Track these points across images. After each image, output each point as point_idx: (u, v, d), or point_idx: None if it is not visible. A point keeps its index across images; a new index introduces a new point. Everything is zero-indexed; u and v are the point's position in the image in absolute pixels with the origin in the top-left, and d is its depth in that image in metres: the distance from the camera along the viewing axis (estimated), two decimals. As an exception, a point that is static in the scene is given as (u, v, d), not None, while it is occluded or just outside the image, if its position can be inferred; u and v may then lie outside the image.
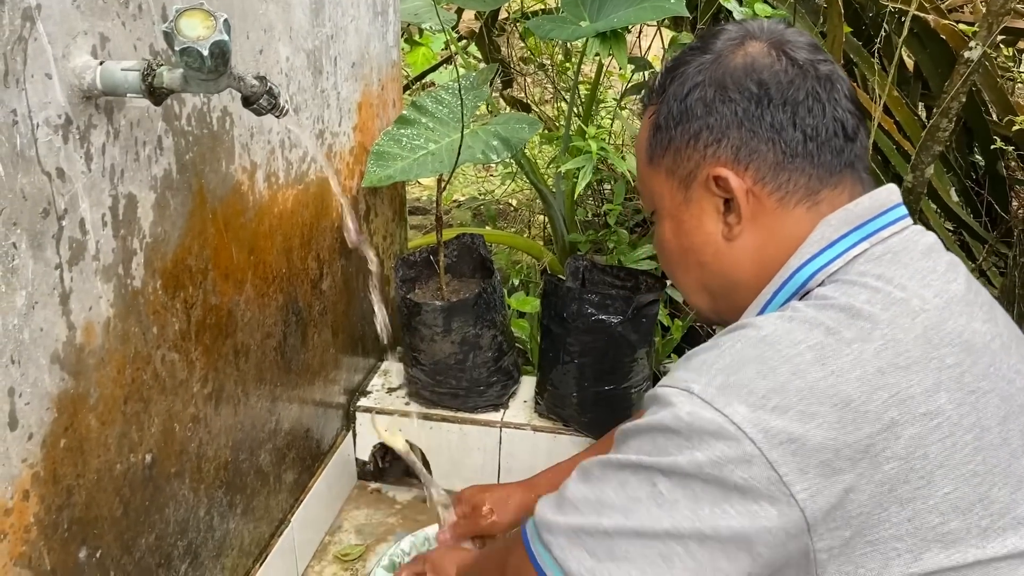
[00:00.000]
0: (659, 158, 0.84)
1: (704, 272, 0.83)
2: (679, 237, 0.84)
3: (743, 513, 0.62)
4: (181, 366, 1.08)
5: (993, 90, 2.28)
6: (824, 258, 0.75)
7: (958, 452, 0.65)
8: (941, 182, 2.34)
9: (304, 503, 1.51)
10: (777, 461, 0.62)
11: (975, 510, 0.64)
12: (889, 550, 0.64)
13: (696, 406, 0.64)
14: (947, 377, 0.66)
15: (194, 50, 0.76)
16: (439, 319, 1.59)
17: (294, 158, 1.34)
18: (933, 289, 0.71)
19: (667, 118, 0.82)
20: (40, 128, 0.79)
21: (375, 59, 1.66)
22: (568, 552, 0.67)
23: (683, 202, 0.83)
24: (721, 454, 0.62)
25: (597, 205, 2.64)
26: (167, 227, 1.02)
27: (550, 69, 2.86)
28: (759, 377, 0.64)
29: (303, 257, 1.42)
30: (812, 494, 0.62)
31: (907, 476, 0.63)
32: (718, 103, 0.79)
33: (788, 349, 0.65)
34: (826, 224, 0.77)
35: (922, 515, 0.64)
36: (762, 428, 0.62)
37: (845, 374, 0.64)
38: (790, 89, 0.77)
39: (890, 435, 0.63)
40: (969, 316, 0.71)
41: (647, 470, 0.65)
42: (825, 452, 0.62)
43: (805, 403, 0.63)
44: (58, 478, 0.87)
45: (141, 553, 1.04)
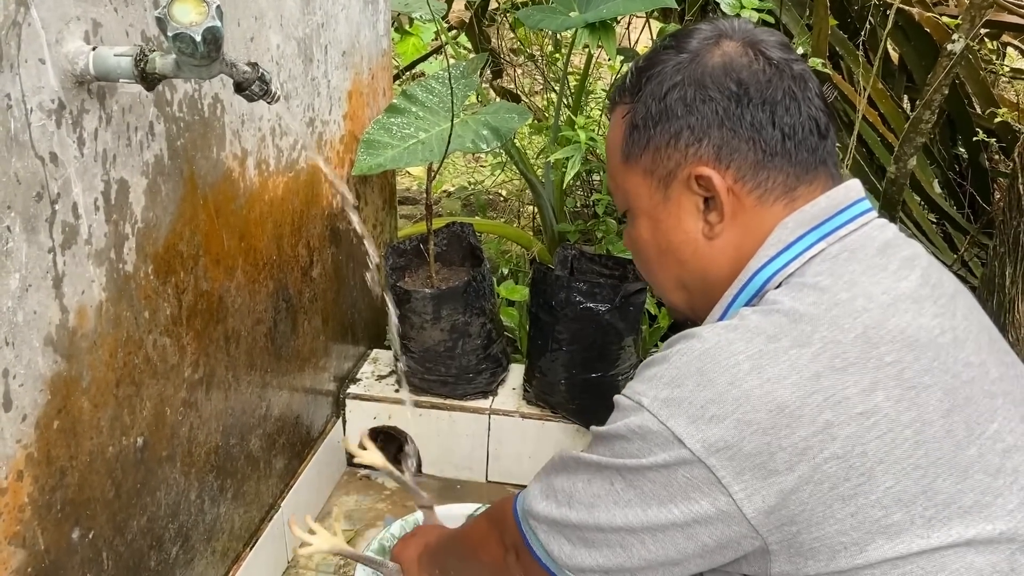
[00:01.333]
0: (636, 158, 0.83)
1: (683, 270, 0.84)
2: (657, 236, 0.84)
3: (686, 511, 0.69)
4: (172, 351, 1.09)
5: (976, 82, 2.31)
6: (781, 260, 0.77)
7: (898, 448, 0.66)
8: (924, 174, 2.37)
9: (294, 488, 1.52)
10: (715, 466, 0.67)
11: (918, 502, 0.67)
12: (835, 544, 0.67)
13: (644, 419, 0.70)
14: (885, 375, 0.68)
15: (187, 36, 0.76)
16: (429, 307, 1.60)
17: (285, 145, 1.35)
18: (882, 287, 0.73)
19: (645, 118, 0.82)
20: (34, 113, 0.79)
21: (365, 48, 1.67)
22: (551, 537, 0.77)
23: (662, 201, 0.83)
24: (665, 460, 0.69)
25: (586, 195, 2.66)
26: (158, 212, 1.02)
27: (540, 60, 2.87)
28: (699, 389, 0.68)
29: (293, 244, 1.43)
30: (749, 494, 0.67)
31: (847, 474, 0.66)
32: (698, 102, 0.79)
33: (727, 360, 0.69)
34: (783, 227, 0.78)
35: (865, 510, 0.66)
36: (700, 437, 0.67)
37: (781, 381, 0.67)
38: (768, 88, 0.79)
39: (826, 436, 0.66)
40: (916, 312, 0.72)
41: (606, 471, 0.73)
42: (760, 456, 0.66)
43: (741, 411, 0.66)
44: (51, 459, 0.88)
45: (133, 535, 1.05)
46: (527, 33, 2.75)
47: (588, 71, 2.22)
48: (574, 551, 0.75)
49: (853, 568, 0.67)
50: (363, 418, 1.74)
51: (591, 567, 0.74)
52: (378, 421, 1.73)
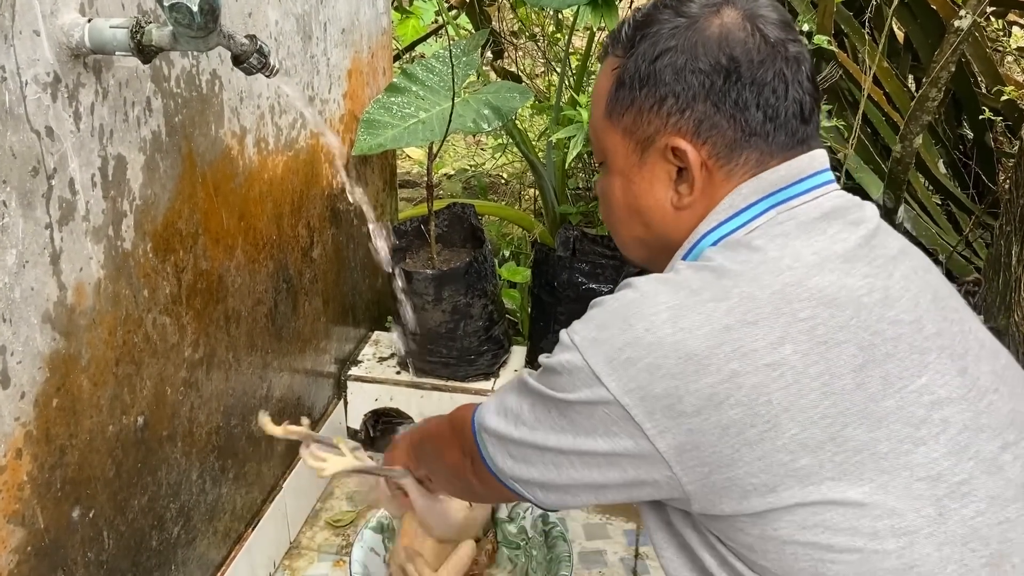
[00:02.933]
0: (618, 116, 0.84)
1: (647, 232, 0.86)
2: (627, 197, 0.86)
3: (608, 444, 0.74)
4: (172, 330, 1.08)
5: (982, 61, 2.29)
6: (728, 226, 0.80)
7: (803, 398, 0.70)
8: (929, 154, 2.35)
9: (296, 470, 1.52)
10: (629, 404, 0.71)
11: (826, 448, 0.70)
12: (746, 484, 0.71)
13: (573, 356, 0.74)
14: (796, 330, 0.71)
15: (183, 6, 0.75)
16: (430, 288, 1.59)
17: (284, 124, 1.33)
18: (813, 248, 0.76)
19: (633, 77, 0.82)
20: (29, 86, 0.78)
21: (365, 26, 1.65)
22: (497, 450, 0.84)
23: (637, 164, 0.84)
24: (588, 397, 0.74)
25: (588, 176, 2.64)
26: (157, 189, 1.01)
27: (541, 40, 2.84)
28: (620, 333, 0.73)
29: (293, 224, 1.42)
30: (660, 431, 0.71)
31: (752, 420, 0.69)
32: (687, 72, 0.79)
33: (650, 308, 0.73)
34: (737, 193, 0.80)
35: (772, 454, 0.70)
36: (615, 377, 0.72)
37: (693, 331, 0.71)
38: (760, 69, 0.79)
39: (731, 384, 0.69)
40: (844, 272, 0.74)
41: (545, 399, 0.78)
42: (669, 398, 0.70)
43: (652, 356, 0.71)
44: (51, 437, 0.88)
45: (134, 514, 1.05)
46: (528, 13, 2.72)
47: (590, 51, 2.20)
48: (515, 465, 0.82)
49: (770, 509, 0.71)
50: (364, 400, 1.73)
51: (528, 479, 0.81)
52: (379, 403, 1.73)
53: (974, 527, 0.70)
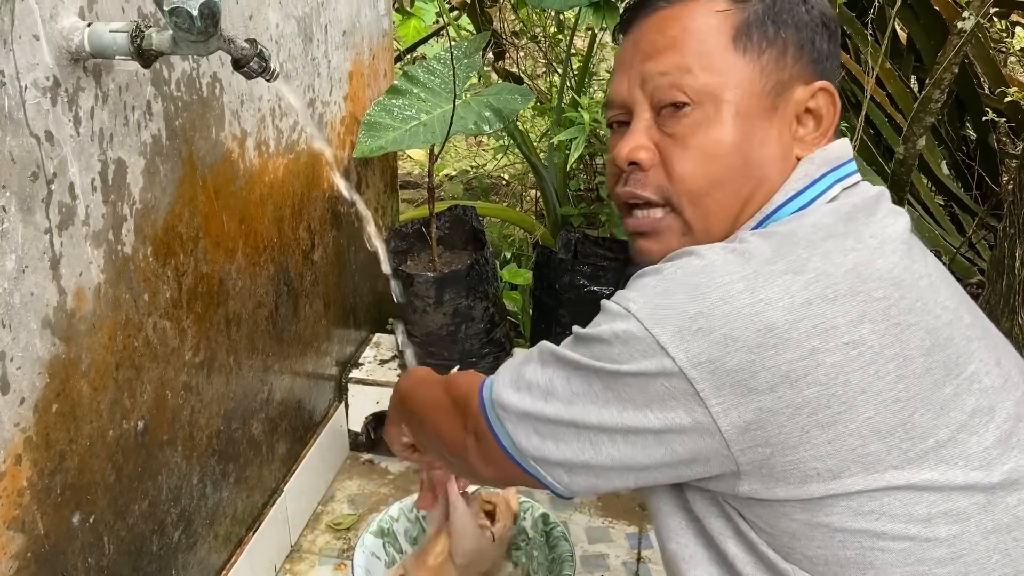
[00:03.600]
0: (756, 51, 0.78)
1: (759, 189, 0.79)
2: (749, 147, 0.78)
3: (661, 419, 0.69)
4: (173, 334, 1.08)
5: (985, 62, 2.28)
6: (808, 195, 0.78)
7: (880, 380, 0.68)
8: (932, 155, 2.34)
9: (297, 473, 1.51)
10: (695, 378, 0.67)
11: (896, 434, 0.68)
12: (808, 469, 0.68)
13: (631, 324, 0.70)
14: (872, 309, 0.69)
15: (183, 10, 0.75)
16: (431, 290, 1.59)
17: (285, 127, 1.33)
18: (871, 230, 0.75)
19: (774, 16, 0.78)
20: (28, 90, 0.78)
21: (366, 28, 1.65)
22: (519, 428, 0.76)
23: (769, 108, 0.79)
24: (646, 368, 0.69)
25: (589, 178, 2.64)
26: (157, 193, 1.01)
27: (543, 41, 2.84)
28: (689, 301, 0.68)
29: (294, 227, 1.41)
30: (726, 408, 0.67)
31: (828, 401, 0.67)
32: (828, 36, 0.82)
33: (721, 277, 0.69)
34: (809, 162, 0.79)
35: (843, 438, 0.67)
36: (684, 347, 0.67)
37: (773, 303, 0.67)
38: (837, 40, 0.84)
39: (811, 362, 0.66)
40: (902, 255, 0.74)
41: (587, 371, 0.72)
42: (742, 373, 0.67)
43: (729, 327, 0.67)
44: (51, 443, 0.87)
45: (134, 519, 1.05)
46: (529, 14, 2.72)
47: (592, 52, 2.20)
48: (541, 443, 0.75)
49: (828, 496, 0.69)
50: (365, 403, 1.73)
51: (556, 460, 0.75)
52: (381, 406, 1.72)
53: (1018, 516, 0.70)
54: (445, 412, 0.89)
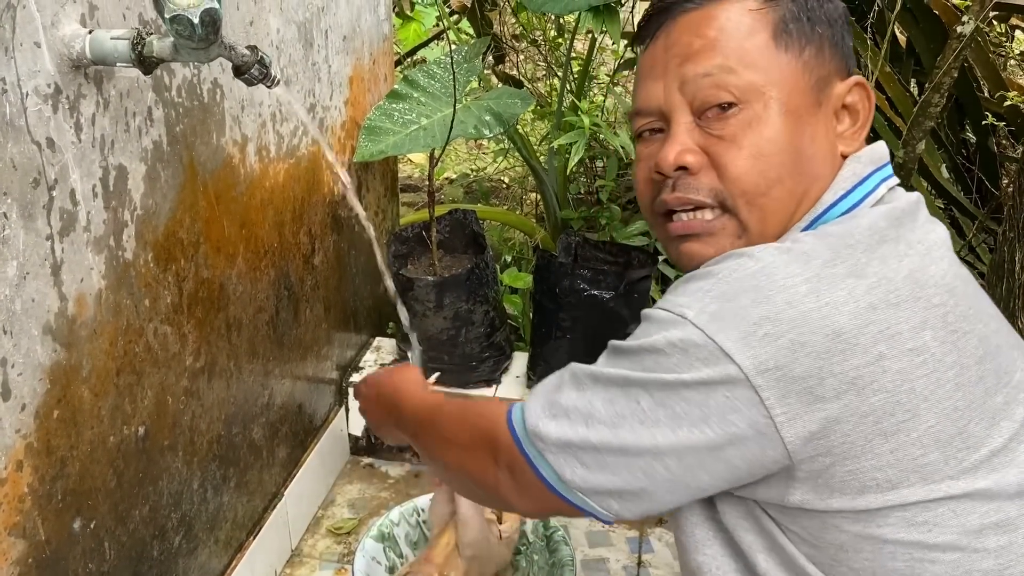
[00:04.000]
0: (796, 46, 0.76)
1: (812, 186, 0.77)
2: (799, 139, 0.76)
3: (720, 433, 0.66)
4: (174, 339, 1.08)
5: (985, 66, 2.28)
6: (857, 194, 0.76)
7: (941, 388, 0.66)
8: (932, 158, 2.35)
9: (297, 477, 1.51)
10: (761, 386, 0.64)
11: (954, 443, 0.67)
12: (867, 480, 0.67)
13: (688, 332, 0.66)
14: (933, 316, 0.68)
15: (184, 18, 0.75)
16: (431, 294, 1.59)
17: (285, 131, 1.33)
18: (916, 235, 0.74)
19: (809, 13, 0.77)
20: (30, 97, 0.78)
21: (366, 32, 1.65)
22: (562, 460, 0.71)
23: (814, 104, 0.77)
24: (708, 376, 0.65)
25: (589, 182, 2.64)
26: (158, 199, 1.01)
27: (543, 45, 2.84)
28: (753, 305, 0.65)
29: (295, 232, 1.42)
30: (790, 418, 0.65)
31: (893, 409, 0.65)
32: (848, 32, 0.81)
33: (784, 279, 0.66)
34: (856, 160, 0.78)
35: (904, 447, 0.66)
36: (751, 354, 0.64)
37: (839, 307, 0.65)
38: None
39: (877, 368, 0.64)
40: (949, 261, 0.73)
41: (632, 388, 0.68)
42: (810, 380, 0.64)
43: (797, 331, 0.64)
44: (51, 449, 0.87)
45: (135, 524, 1.05)
46: (529, 17, 2.72)
47: (591, 56, 2.20)
48: (588, 474, 0.70)
49: (884, 507, 0.67)
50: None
51: (606, 489, 0.70)
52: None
53: None
54: (468, 448, 0.83)
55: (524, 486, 0.75)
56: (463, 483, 0.89)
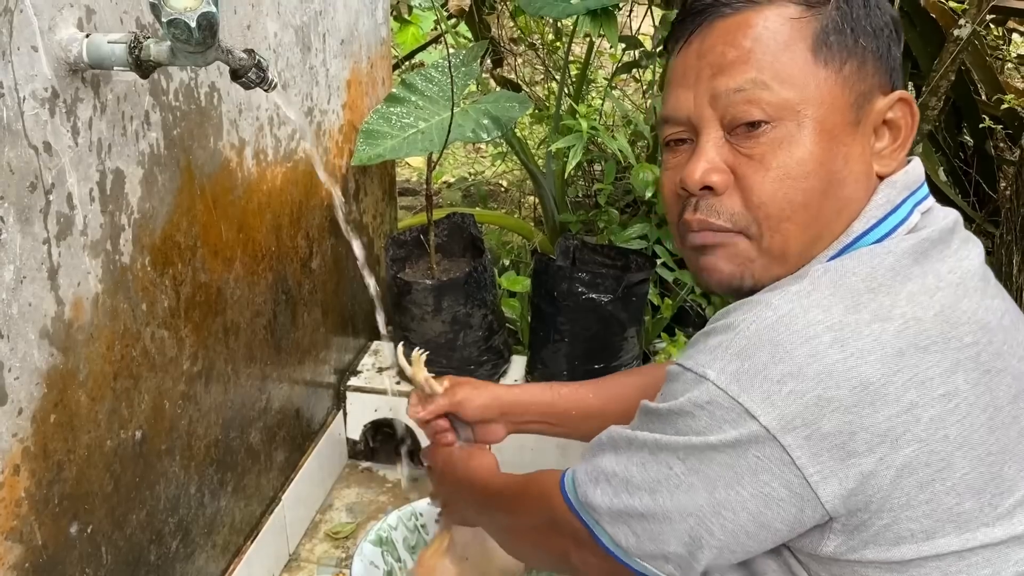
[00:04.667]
0: (836, 61, 0.71)
1: (843, 211, 0.72)
2: (833, 165, 0.71)
3: (756, 495, 0.64)
4: (171, 343, 1.08)
5: (982, 69, 2.29)
6: (889, 223, 0.72)
7: (975, 433, 0.64)
8: (930, 161, 2.35)
9: (295, 481, 1.51)
10: (791, 445, 0.62)
11: (988, 489, 0.65)
12: (903, 531, 0.64)
13: (712, 393, 0.65)
14: (964, 357, 0.65)
15: (181, 22, 0.75)
16: (429, 298, 1.59)
17: (283, 135, 1.33)
18: (947, 265, 0.69)
19: (852, 24, 0.72)
20: (27, 101, 0.78)
21: (364, 36, 1.65)
22: (616, 528, 0.72)
23: (852, 123, 0.72)
24: (736, 438, 0.64)
25: (588, 185, 2.64)
26: (155, 203, 1.01)
27: (540, 48, 2.85)
28: (774, 362, 0.63)
29: (292, 235, 1.42)
30: (824, 476, 0.63)
31: (928, 459, 0.63)
32: (895, 43, 0.75)
33: (804, 330, 0.63)
34: (891, 186, 0.73)
35: (940, 497, 0.63)
36: (776, 415, 0.62)
37: (865, 356, 0.62)
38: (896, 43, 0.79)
39: (910, 417, 0.62)
40: (983, 293, 0.69)
41: (663, 452, 0.68)
42: (841, 436, 0.62)
43: (823, 387, 0.62)
44: (48, 453, 0.87)
45: (132, 529, 1.04)
46: (527, 21, 2.73)
47: (589, 59, 2.21)
48: (639, 542, 0.71)
49: (919, 558, 0.65)
50: (364, 410, 1.73)
51: (662, 554, 0.70)
52: (379, 414, 1.72)
53: None
54: (536, 526, 0.84)
55: (591, 553, 0.76)
56: (539, 559, 0.91)
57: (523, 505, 0.87)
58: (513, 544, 0.94)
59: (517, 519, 0.89)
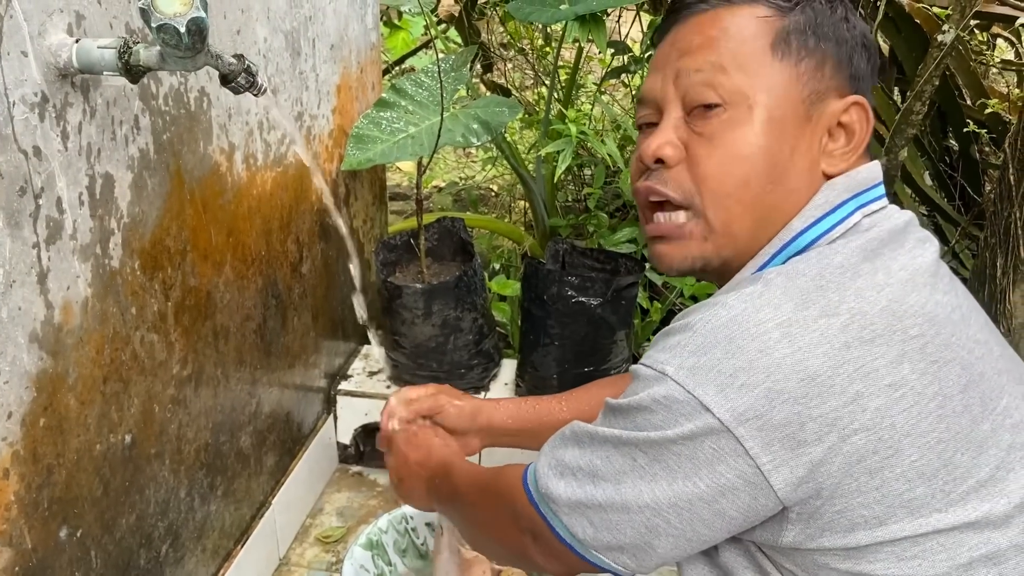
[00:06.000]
0: (794, 59, 0.77)
1: (784, 200, 0.77)
2: (778, 152, 0.76)
3: (712, 484, 0.67)
4: (160, 347, 1.08)
5: (966, 74, 2.31)
6: (826, 223, 0.76)
7: (923, 421, 0.66)
8: (915, 166, 2.37)
9: (285, 486, 1.51)
10: (744, 436, 0.65)
11: (939, 475, 0.67)
12: (856, 517, 0.67)
13: (669, 388, 0.68)
14: (910, 348, 0.67)
15: (171, 27, 0.75)
16: (420, 302, 1.59)
17: (272, 140, 1.34)
18: (899, 263, 0.73)
19: (815, 28, 0.77)
20: (16, 106, 0.78)
21: (354, 41, 1.66)
22: (573, 520, 0.74)
23: (802, 118, 0.77)
24: (692, 431, 0.66)
25: (577, 189, 2.65)
26: (145, 207, 1.01)
27: (530, 53, 2.86)
28: (727, 356, 0.66)
29: (282, 240, 1.42)
30: (776, 465, 0.66)
31: (875, 446, 0.65)
32: (861, 48, 0.79)
33: (755, 327, 0.67)
34: (831, 188, 0.77)
35: (889, 483, 0.66)
36: (729, 407, 0.65)
37: (812, 349, 0.65)
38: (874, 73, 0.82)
39: (856, 407, 0.65)
40: (932, 288, 0.72)
41: (626, 446, 0.70)
42: (790, 426, 0.65)
43: (772, 380, 0.65)
44: (38, 457, 0.87)
45: (122, 533, 1.04)
46: (517, 27, 2.74)
47: (579, 64, 2.22)
48: (597, 533, 0.73)
49: (873, 543, 0.67)
50: (354, 415, 1.73)
51: (618, 545, 0.72)
52: (369, 418, 1.73)
53: None
54: (492, 512, 0.87)
55: (548, 548, 0.78)
56: (497, 553, 0.93)
57: (486, 499, 0.88)
58: (475, 536, 0.95)
59: (480, 512, 0.91)
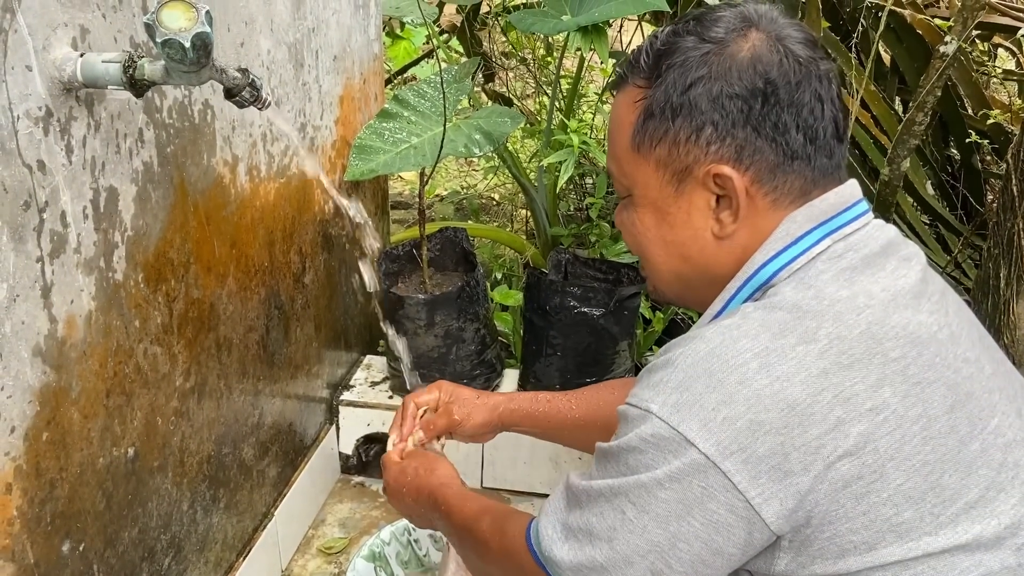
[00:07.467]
0: (649, 147, 0.80)
1: (686, 265, 0.81)
2: (662, 229, 0.81)
3: (706, 524, 0.67)
4: (163, 360, 1.08)
5: (968, 84, 2.31)
6: (788, 255, 0.75)
7: (907, 444, 0.66)
8: (917, 175, 2.37)
9: (287, 497, 1.51)
10: (730, 471, 0.65)
11: (927, 499, 0.67)
12: (845, 543, 0.67)
13: (656, 426, 0.68)
14: (891, 371, 0.67)
15: (176, 42, 0.76)
16: (422, 312, 1.59)
17: (276, 151, 1.34)
18: (880, 284, 0.72)
19: (665, 108, 0.77)
20: (21, 120, 0.78)
21: (357, 52, 1.66)
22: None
23: (673, 195, 0.80)
24: (679, 469, 0.67)
25: (579, 199, 2.66)
26: (148, 220, 1.01)
27: (532, 63, 2.86)
28: (709, 391, 0.67)
29: (285, 251, 1.42)
30: (766, 498, 0.66)
31: (860, 471, 0.65)
32: (724, 99, 0.75)
33: (734, 359, 0.67)
34: (791, 220, 0.76)
35: (876, 508, 0.66)
36: (713, 440, 0.65)
37: (790, 378, 0.66)
38: (796, 90, 0.76)
39: (838, 434, 0.65)
40: (915, 309, 0.72)
41: (618, 497, 0.71)
42: (775, 457, 0.65)
43: (754, 411, 0.65)
44: (41, 471, 0.87)
45: (124, 547, 1.04)
46: (519, 37, 2.74)
47: (580, 74, 2.22)
48: None
49: (864, 568, 0.67)
50: (357, 425, 1.72)
51: None
52: (372, 428, 1.72)
53: None
54: (503, 570, 0.88)
55: None
56: None
57: (492, 552, 0.89)
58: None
59: (487, 563, 0.92)
